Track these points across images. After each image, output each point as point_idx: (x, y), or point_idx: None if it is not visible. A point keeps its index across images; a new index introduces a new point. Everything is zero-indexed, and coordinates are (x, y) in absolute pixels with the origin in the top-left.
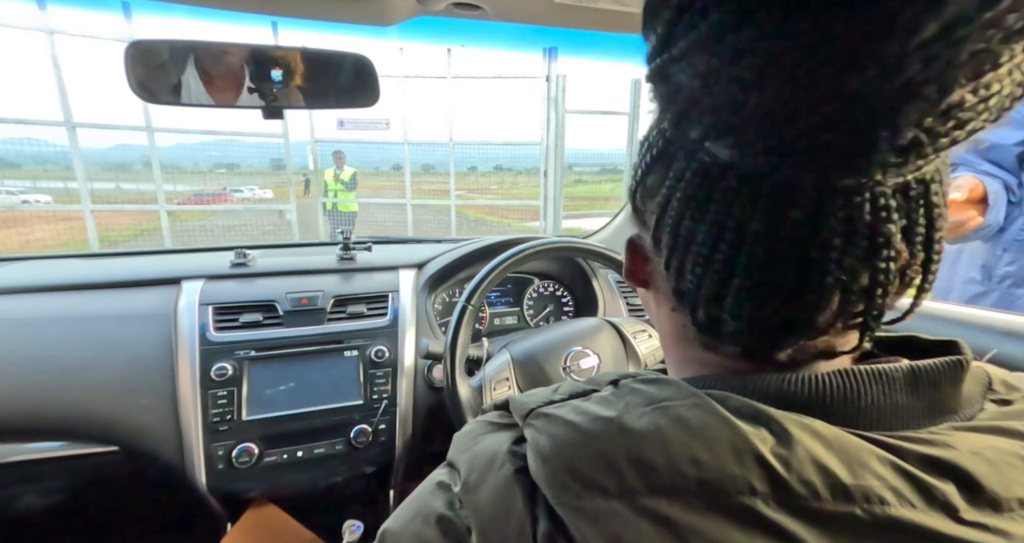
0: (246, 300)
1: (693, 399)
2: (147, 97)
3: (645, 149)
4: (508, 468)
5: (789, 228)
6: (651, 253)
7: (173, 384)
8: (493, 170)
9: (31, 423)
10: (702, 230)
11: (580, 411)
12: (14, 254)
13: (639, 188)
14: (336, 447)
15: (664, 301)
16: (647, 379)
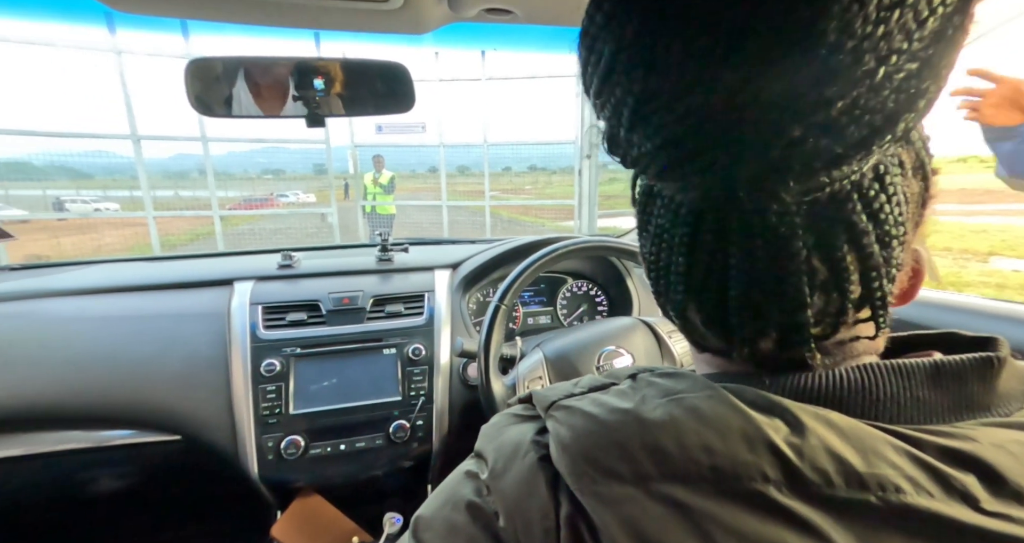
0: (292, 300)
1: (708, 391)
2: (204, 111)
3: None
4: (532, 456)
5: (706, 243)
6: None
7: (227, 379)
8: (527, 170)
9: (105, 412)
10: (664, 250)
11: (598, 403)
12: (89, 258)
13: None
14: (376, 441)
15: None
16: (664, 373)
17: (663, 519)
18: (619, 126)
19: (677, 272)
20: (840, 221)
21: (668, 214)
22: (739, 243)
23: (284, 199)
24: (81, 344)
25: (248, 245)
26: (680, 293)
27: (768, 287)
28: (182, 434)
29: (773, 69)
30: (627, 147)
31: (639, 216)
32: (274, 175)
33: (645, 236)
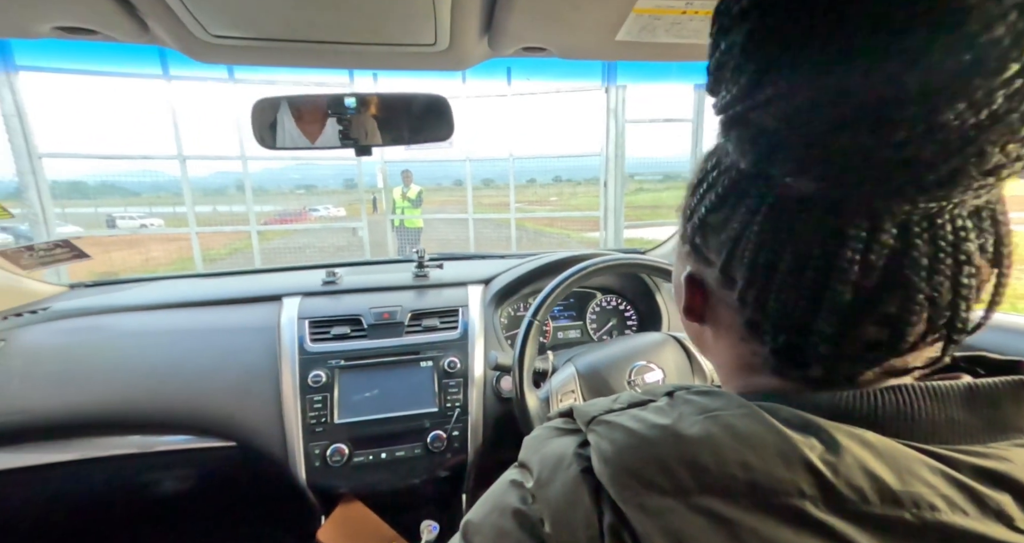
0: (336, 315)
1: (743, 409)
2: (267, 145)
3: (704, 191)
4: (575, 468)
5: (878, 252)
6: (715, 288)
7: (277, 389)
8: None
9: (168, 419)
10: (785, 260)
11: (638, 419)
12: (149, 274)
13: (700, 228)
14: (415, 451)
15: (727, 333)
16: (700, 391)
17: (704, 530)
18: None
19: (778, 278)
20: (955, 244)
21: (773, 212)
22: (921, 248)
23: (315, 213)
24: (149, 356)
25: (282, 259)
26: (774, 299)
27: (879, 306)
28: (237, 440)
29: (927, 61)
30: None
31: (711, 222)
32: (306, 190)
33: (722, 238)
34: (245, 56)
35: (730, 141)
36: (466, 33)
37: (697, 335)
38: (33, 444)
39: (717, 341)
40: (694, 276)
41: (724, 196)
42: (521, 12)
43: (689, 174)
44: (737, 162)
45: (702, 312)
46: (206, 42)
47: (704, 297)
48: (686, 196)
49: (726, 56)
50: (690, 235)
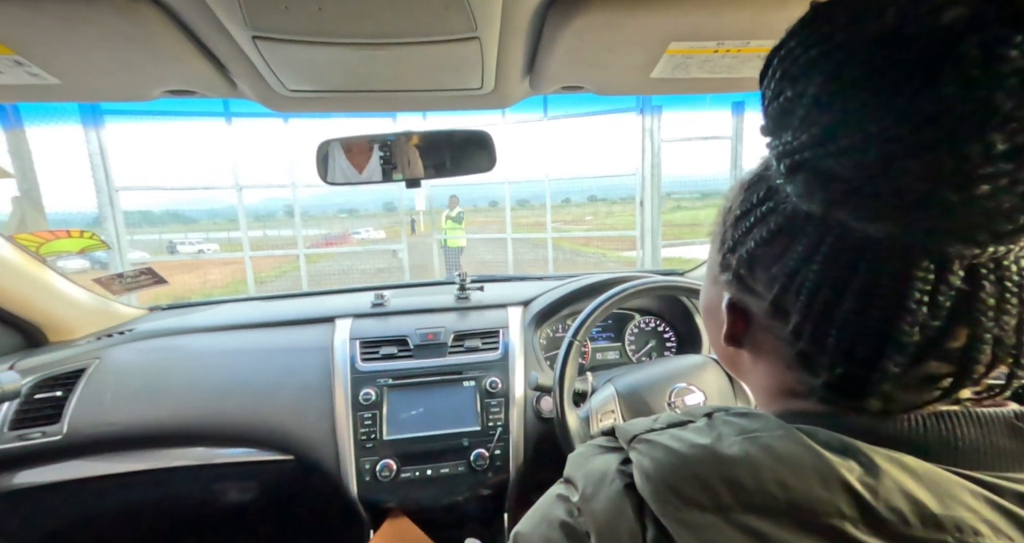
0: (385, 335)
1: (781, 431)
2: (330, 181)
3: (753, 224)
4: (618, 484)
5: (946, 294)
6: (760, 317)
7: (331, 406)
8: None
9: (232, 432)
10: (848, 300)
11: (678, 438)
12: (216, 298)
13: (747, 261)
14: (458, 468)
15: (769, 359)
16: (739, 412)
17: None
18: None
19: (840, 315)
20: (1021, 284)
21: (835, 251)
22: (989, 289)
23: (357, 235)
24: (216, 374)
25: (327, 280)
26: (835, 336)
27: (945, 344)
28: (295, 454)
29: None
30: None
31: (760, 256)
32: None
33: (773, 272)
34: (316, 105)
35: (793, 183)
36: (510, 77)
37: (731, 358)
38: (118, 453)
39: (756, 366)
40: (735, 303)
41: (777, 232)
42: (561, 57)
43: (725, 200)
44: (800, 203)
45: (742, 338)
46: (284, 96)
47: (746, 324)
48: (725, 225)
49: (793, 104)
50: (734, 266)
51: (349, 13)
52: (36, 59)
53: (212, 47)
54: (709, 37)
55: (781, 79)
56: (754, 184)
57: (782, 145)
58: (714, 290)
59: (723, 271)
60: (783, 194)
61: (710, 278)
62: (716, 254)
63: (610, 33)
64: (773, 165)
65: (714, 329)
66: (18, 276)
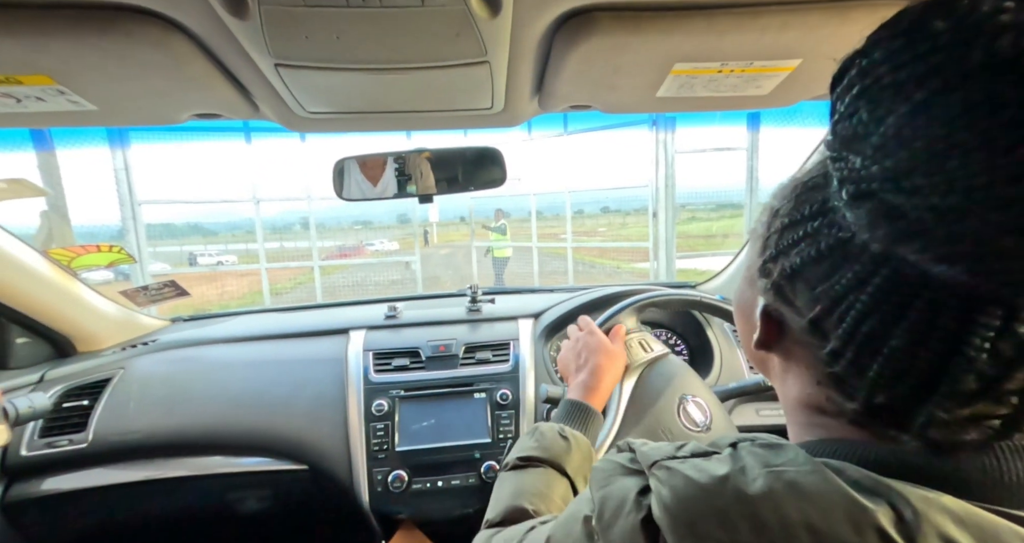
0: (397, 347)
1: (809, 466)
2: (346, 197)
3: (800, 238)
4: (635, 516)
5: (1010, 341)
6: (796, 331)
7: (345, 417)
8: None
9: (250, 442)
10: (897, 336)
11: (699, 469)
12: (236, 309)
13: (788, 275)
14: (469, 480)
15: (800, 371)
16: (765, 444)
17: None
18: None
19: (885, 350)
20: None
21: (889, 285)
22: (990, 342)
23: (371, 247)
24: (235, 384)
25: (341, 292)
26: (876, 369)
27: (1001, 387)
28: (308, 464)
29: None
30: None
31: (804, 272)
32: (363, 225)
33: (816, 292)
34: (333, 126)
35: (854, 212)
36: (519, 97)
37: (761, 361)
38: (140, 462)
39: (785, 373)
40: (771, 312)
41: (827, 253)
42: (568, 78)
43: (773, 200)
44: (858, 232)
45: (774, 346)
46: (303, 117)
47: (780, 333)
48: (770, 229)
49: (868, 129)
50: (775, 276)
51: (365, 41)
52: (76, 88)
53: (237, 74)
54: (713, 58)
55: (858, 97)
56: (808, 192)
57: (848, 169)
58: (750, 292)
59: (762, 276)
60: (839, 215)
61: (747, 278)
62: (756, 257)
63: (616, 55)
64: (834, 185)
65: (745, 330)
66: (51, 289)
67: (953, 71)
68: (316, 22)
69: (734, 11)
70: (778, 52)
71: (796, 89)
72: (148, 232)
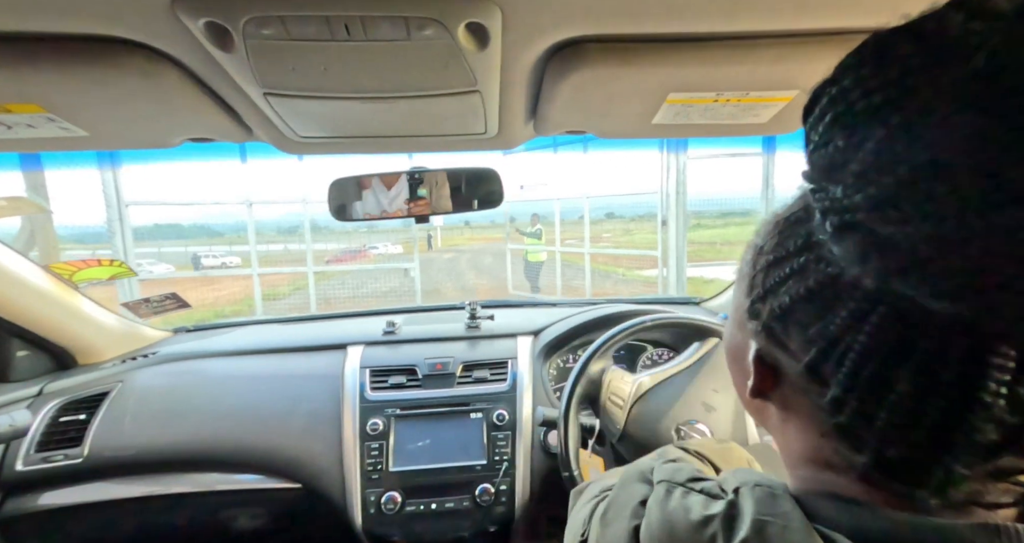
0: (394, 365)
1: (797, 523)
2: (341, 217)
3: (787, 275)
4: (628, 523)
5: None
6: (793, 377)
7: (339, 435)
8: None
9: (244, 458)
10: (903, 382)
11: (697, 504)
12: (238, 320)
13: (779, 316)
14: (464, 503)
15: (801, 422)
16: (768, 493)
17: None
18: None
19: (891, 398)
20: None
21: (887, 324)
22: (1007, 387)
23: (375, 250)
24: (233, 399)
25: (336, 303)
26: (884, 418)
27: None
28: (302, 483)
29: None
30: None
31: (794, 312)
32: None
33: (810, 334)
34: (327, 148)
35: (840, 245)
36: (513, 123)
37: (757, 410)
38: (135, 477)
39: (785, 423)
40: (763, 356)
41: (817, 291)
42: (561, 105)
43: (756, 237)
44: (848, 267)
45: (771, 395)
46: (296, 141)
47: (775, 379)
48: (755, 267)
49: (846, 156)
50: (764, 317)
51: (352, 72)
52: (66, 116)
53: (228, 100)
54: (707, 89)
55: (831, 125)
56: (791, 227)
57: (829, 200)
58: (740, 336)
59: (751, 318)
60: (823, 251)
61: (736, 321)
62: (744, 298)
63: (608, 84)
64: (817, 218)
65: (739, 376)
66: (51, 302)
67: (929, 92)
68: (302, 55)
69: (728, 43)
70: (775, 83)
71: (795, 118)
72: (154, 233)
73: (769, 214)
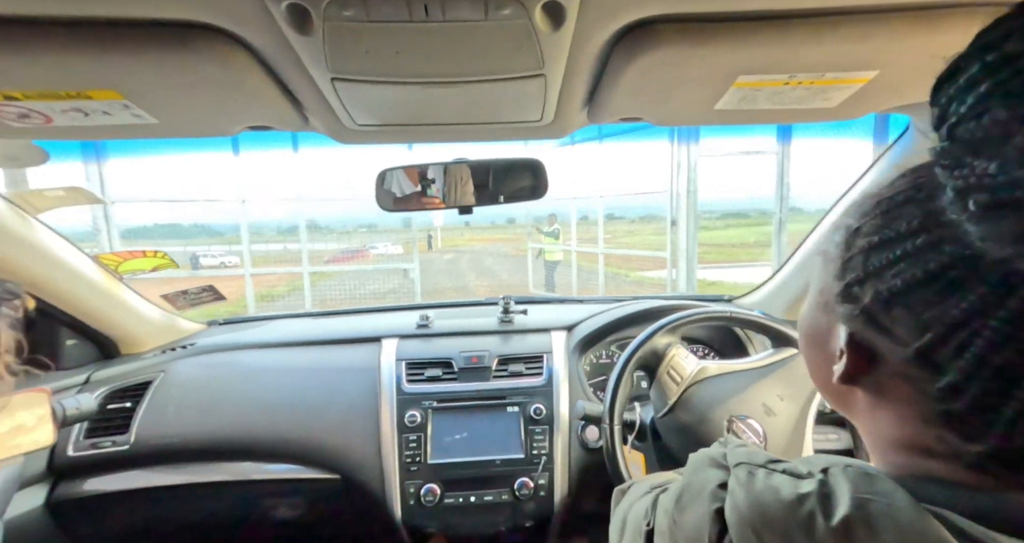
0: (430, 357)
1: (905, 502)
2: (387, 208)
3: (900, 257)
4: (708, 505)
5: None
6: (894, 361)
7: (377, 427)
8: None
9: (283, 449)
10: None
11: (783, 483)
12: (263, 314)
13: (885, 299)
14: (502, 497)
15: (898, 407)
16: (861, 472)
17: None
18: None
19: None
20: None
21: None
22: None
23: (374, 250)
24: (271, 391)
25: (335, 298)
26: (1015, 408)
27: None
28: (341, 474)
29: None
30: None
31: (908, 296)
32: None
33: (924, 318)
34: (379, 138)
35: (985, 224)
36: (569, 110)
37: (840, 396)
38: (177, 465)
39: (875, 411)
40: (859, 340)
41: (938, 273)
42: (623, 91)
43: (847, 218)
44: (990, 249)
45: (862, 379)
46: (351, 129)
47: (870, 365)
48: (851, 249)
49: (1008, 128)
50: (865, 301)
51: (424, 55)
52: (141, 103)
53: (292, 87)
54: (780, 70)
55: (988, 95)
56: (899, 207)
57: (975, 177)
58: (824, 318)
59: (844, 302)
60: (956, 231)
61: (818, 304)
62: (833, 280)
63: (675, 68)
64: (948, 196)
65: (819, 361)
66: (101, 293)
67: None
68: (377, 37)
69: (810, 21)
70: (854, 63)
71: (867, 101)
72: (152, 232)
73: (860, 195)
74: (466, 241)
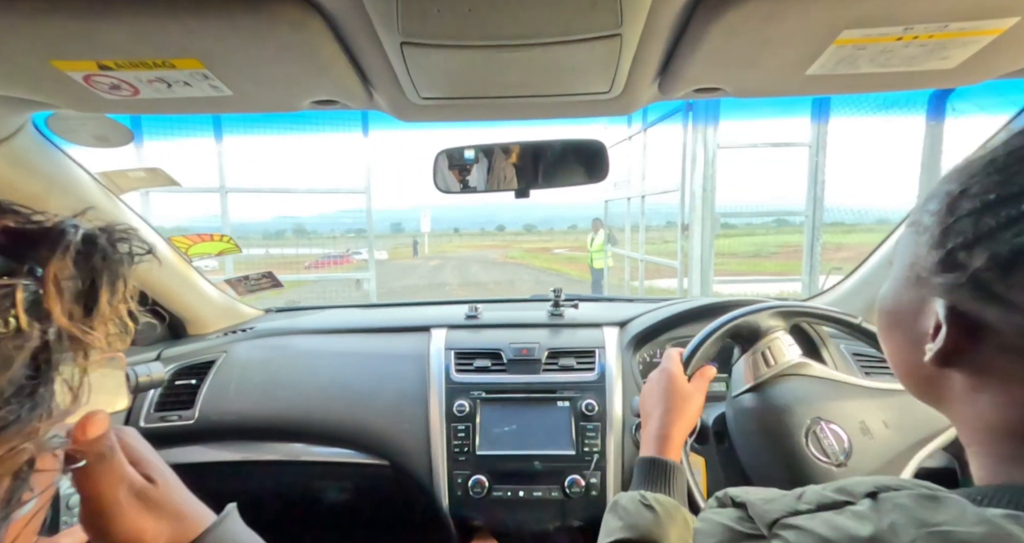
0: (479, 347)
1: (986, 527)
2: (444, 189)
3: (1020, 215)
4: None
5: None
6: (1009, 335)
7: (426, 415)
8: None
9: (335, 432)
10: None
11: (834, 526)
12: (317, 304)
13: (1004, 261)
14: (552, 493)
15: (1008, 391)
16: (918, 495)
17: None
18: None
19: None
20: None
21: None
22: None
23: (358, 256)
24: (325, 375)
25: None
26: None
27: None
28: (390, 460)
29: None
30: None
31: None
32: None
33: None
34: (442, 114)
35: None
36: (640, 80)
37: (928, 381)
38: (236, 442)
39: (975, 394)
40: (961, 312)
41: None
42: (703, 55)
43: (945, 184)
44: None
45: (961, 358)
46: (415, 104)
47: (973, 341)
48: (954, 213)
49: None
50: (975, 267)
51: (497, 12)
52: (219, 73)
53: (360, 59)
54: (895, 21)
55: None
56: (1020, 164)
57: None
58: (912, 293)
59: (945, 271)
60: None
61: (906, 278)
62: (929, 250)
63: (767, 26)
64: None
65: (903, 343)
66: (175, 275)
67: None
68: None
69: None
70: (987, 9)
71: (994, 60)
72: None
73: (963, 161)
74: (454, 248)
